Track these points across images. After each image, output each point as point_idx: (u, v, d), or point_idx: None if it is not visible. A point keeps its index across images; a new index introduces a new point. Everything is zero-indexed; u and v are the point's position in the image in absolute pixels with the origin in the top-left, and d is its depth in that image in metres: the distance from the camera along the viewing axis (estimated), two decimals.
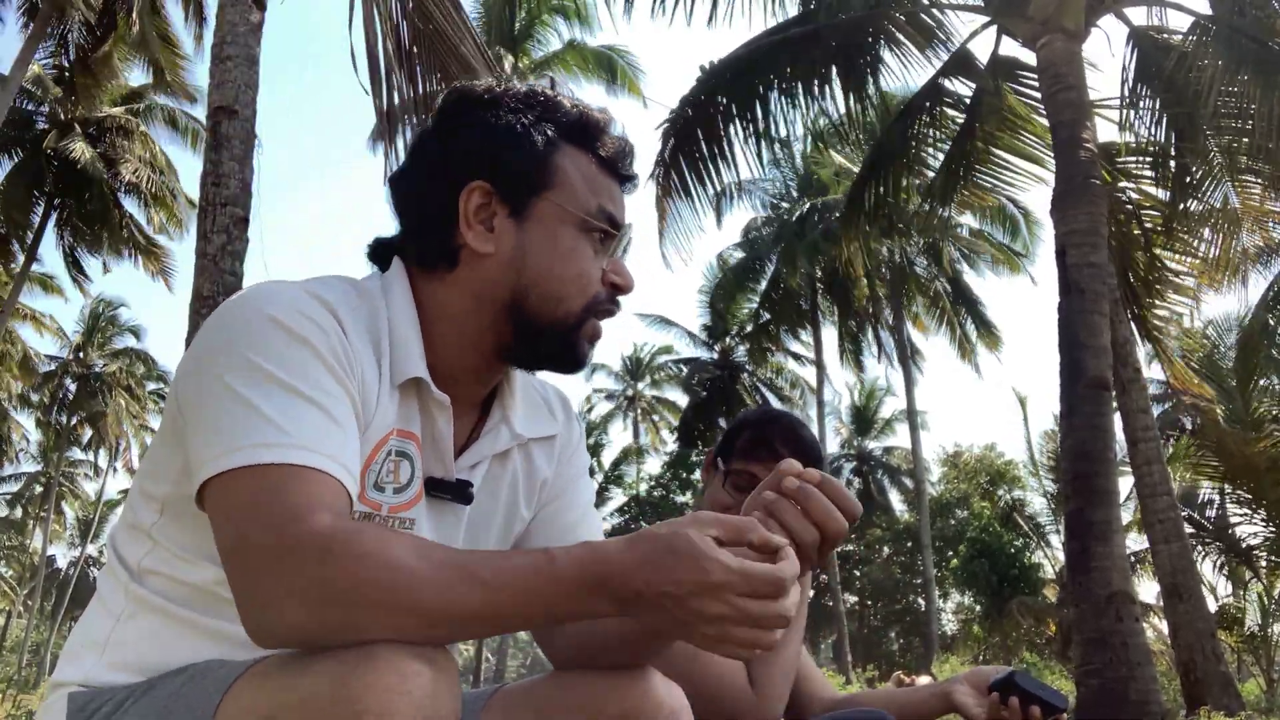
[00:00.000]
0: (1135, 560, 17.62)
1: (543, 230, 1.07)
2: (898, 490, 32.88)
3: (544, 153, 1.08)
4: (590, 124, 1.11)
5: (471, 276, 1.07)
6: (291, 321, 0.93)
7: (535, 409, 1.19)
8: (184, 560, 1.00)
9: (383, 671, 0.77)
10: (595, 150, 1.11)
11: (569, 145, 1.10)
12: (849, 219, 10.47)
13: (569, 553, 0.84)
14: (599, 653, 1.07)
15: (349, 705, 0.75)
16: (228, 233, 5.04)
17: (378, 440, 1.01)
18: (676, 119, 9.31)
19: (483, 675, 27.98)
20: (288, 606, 0.80)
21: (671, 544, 0.82)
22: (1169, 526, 9.80)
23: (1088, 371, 7.04)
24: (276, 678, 0.82)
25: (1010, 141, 9.56)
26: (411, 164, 1.13)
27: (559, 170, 1.08)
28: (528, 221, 1.07)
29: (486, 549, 1.15)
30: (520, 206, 1.07)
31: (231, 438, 0.87)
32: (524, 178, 1.07)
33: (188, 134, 19.49)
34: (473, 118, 1.10)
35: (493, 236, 1.06)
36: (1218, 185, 8.71)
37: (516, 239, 1.07)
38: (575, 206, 1.08)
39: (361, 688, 0.76)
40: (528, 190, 1.07)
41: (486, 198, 1.07)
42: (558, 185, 1.08)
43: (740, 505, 1.73)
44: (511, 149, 1.07)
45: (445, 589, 0.80)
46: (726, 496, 1.71)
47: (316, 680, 0.78)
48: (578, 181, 1.09)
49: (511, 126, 1.08)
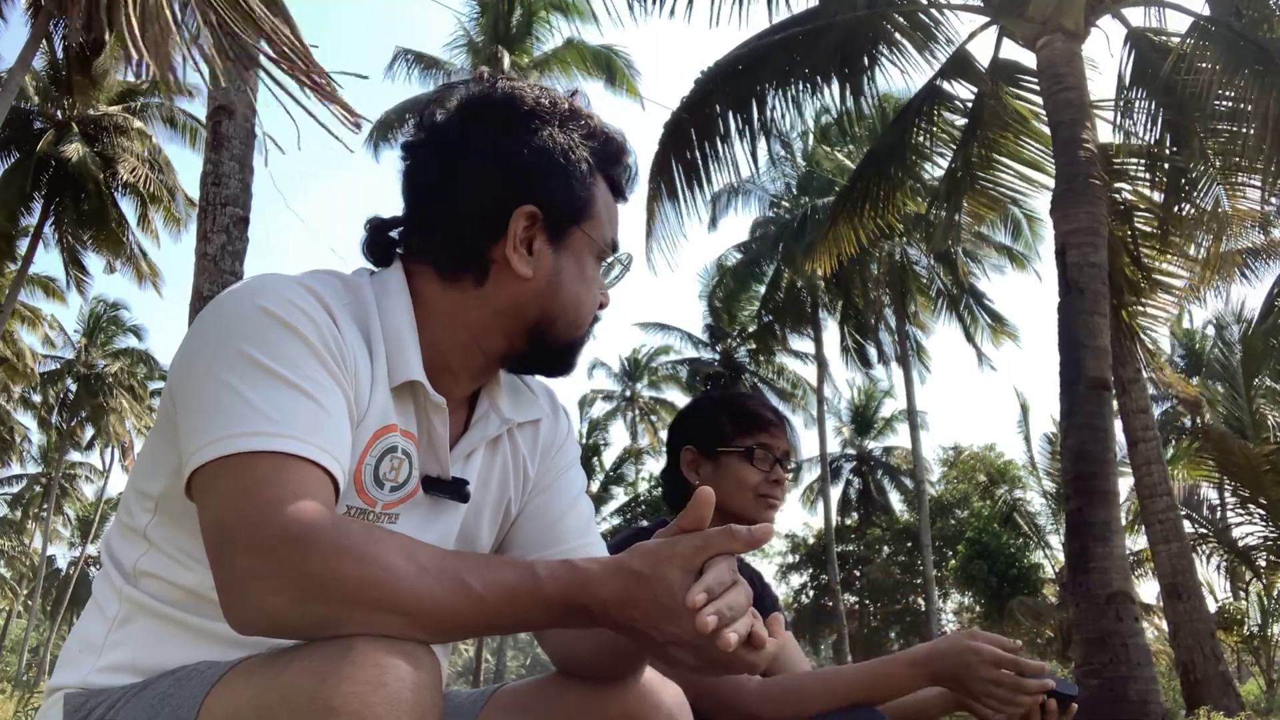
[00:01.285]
0: (1135, 560, 17.63)
1: (574, 260, 1.10)
2: (898, 490, 32.89)
3: (587, 183, 1.09)
4: (614, 151, 1.13)
5: (500, 294, 1.07)
6: (282, 312, 0.94)
7: (520, 396, 1.20)
8: (178, 562, 1.00)
9: (361, 668, 0.77)
10: (612, 176, 1.14)
11: (600, 173, 1.12)
12: (835, 219, 10.40)
13: (555, 575, 0.86)
14: (602, 657, 1.07)
15: (327, 702, 0.76)
16: (227, 232, 5.05)
17: (371, 434, 1.01)
18: (670, 125, 9.28)
19: (482, 675, 27.99)
20: (266, 595, 0.81)
21: (652, 588, 0.83)
22: (1169, 527, 9.81)
23: (1088, 372, 7.04)
24: (258, 676, 0.83)
25: (1014, 147, 9.54)
26: (452, 163, 1.08)
27: (594, 201, 1.11)
28: (564, 249, 1.09)
29: (480, 540, 1.16)
30: (560, 235, 1.09)
31: (220, 427, 0.87)
32: (568, 207, 1.08)
33: (186, 131, 19.47)
34: (526, 131, 1.07)
35: (531, 260, 1.07)
36: (1212, 187, 8.71)
37: (553, 266, 1.08)
38: (599, 237, 1.12)
39: (339, 684, 0.76)
40: (570, 220, 1.09)
41: (532, 221, 1.07)
42: (592, 217, 1.10)
43: (768, 477, 1.79)
44: (563, 178, 1.08)
45: (427, 591, 0.81)
46: (753, 473, 1.79)
47: (296, 677, 0.78)
48: (603, 212, 1.12)
49: (565, 152, 1.08)
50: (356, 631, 0.80)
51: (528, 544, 1.18)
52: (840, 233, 10.24)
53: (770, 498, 1.80)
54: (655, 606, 0.82)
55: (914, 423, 24.77)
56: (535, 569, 0.86)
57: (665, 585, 0.82)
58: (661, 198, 9.44)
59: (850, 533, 32.77)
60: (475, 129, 1.08)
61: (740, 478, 1.79)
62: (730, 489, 1.79)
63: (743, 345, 28.78)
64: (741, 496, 1.79)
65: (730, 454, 1.81)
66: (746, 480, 1.79)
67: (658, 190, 9.42)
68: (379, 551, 0.81)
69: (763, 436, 1.82)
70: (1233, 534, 14.26)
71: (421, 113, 1.12)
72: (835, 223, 10.28)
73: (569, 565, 0.87)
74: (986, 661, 1.51)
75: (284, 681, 0.79)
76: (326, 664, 0.78)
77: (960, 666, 1.53)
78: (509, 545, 1.19)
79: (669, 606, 0.82)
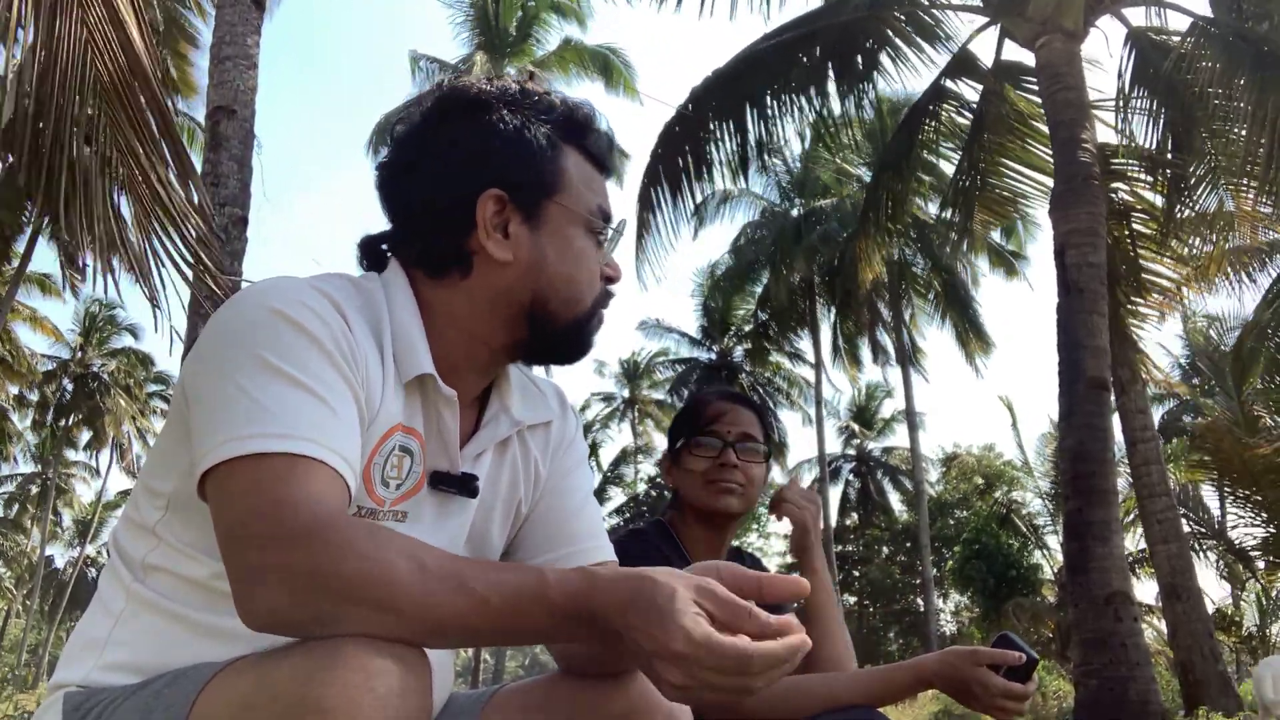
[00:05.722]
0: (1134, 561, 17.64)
1: (555, 233, 1.08)
2: (897, 490, 32.91)
3: (550, 156, 1.09)
4: (581, 120, 1.12)
5: (486, 283, 1.07)
6: (295, 314, 0.94)
7: (531, 397, 1.20)
8: (187, 556, 1.00)
9: (348, 669, 0.77)
10: (586, 147, 1.13)
11: (566, 145, 1.11)
12: (863, 227, 10.47)
13: (564, 581, 0.83)
14: (604, 659, 1.06)
15: (317, 703, 0.76)
16: (226, 233, 5.04)
17: (381, 434, 1.02)
18: (668, 127, 9.28)
19: (481, 675, 27.99)
20: (272, 591, 0.81)
21: (654, 597, 0.80)
22: (1167, 527, 9.82)
23: (1087, 372, 7.05)
24: (249, 675, 0.83)
25: (1020, 152, 9.54)
26: (412, 167, 1.11)
27: (563, 172, 1.10)
28: (541, 226, 1.08)
29: (491, 542, 1.16)
30: (533, 212, 1.08)
31: (231, 428, 0.88)
32: (535, 183, 1.08)
33: (184, 133, 19.42)
34: (475, 121, 1.09)
35: (509, 244, 1.07)
36: (1213, 188, 8.71)
37: (533, 245, 1.07)
38: (580, 207, 1.10)
39: (328, 686, 0.76)
40: (540, 195, 1.08)
41: (500, 205, 1.07)
42: (564, 188, 1.09)
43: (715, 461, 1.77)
44: (519, 154, 1.08)
45: (429, 592, 0.80)
46: (699, 461, 1.79)
47: (284, 677, 0.79)
48: (579, 181, 1.11)
49: (518, 130, 1.08)
50: (357, 629, 0.80)
51: (538, 544, 1.18)
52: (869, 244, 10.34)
53: (721, 482, 1.77)
54: (655, 616, 0.79)
55: (913, 423, 24.80)
56: (544, 572, 0.85)
57: (667, 595, 0.80)
58: (660, 192, 9.44)
59: (849, 533, 32.79)
60: (429, 131, 1.11)
61: (688, 468, 1.80)
62: (685, 482, 1.81)
63: (739, 345, 28.81)
64: (693, 487, 1.79)
65: (681, 451, 1.82)
66: (694, 469, 1.79)
67: (657, 187, 9.43)
68: (382, 550, 0.81)
69: (709, 423, 1.81)
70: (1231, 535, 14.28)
71: (391, 132, 1.16)
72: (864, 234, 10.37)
73: (580, 571, 0.85)
74: (993, 692, 1.53)
75: (274, 682, 0.79)
76: (315, 665, 0.78)
77: (963, 687, 1.56)
78: (519, 546, 1.19)
79: (667, 614, 0.79)
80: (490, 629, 0.83)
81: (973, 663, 1.54)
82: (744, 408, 1.84)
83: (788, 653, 0.79)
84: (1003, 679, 1.52)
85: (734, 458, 1.77)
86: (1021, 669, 1.53)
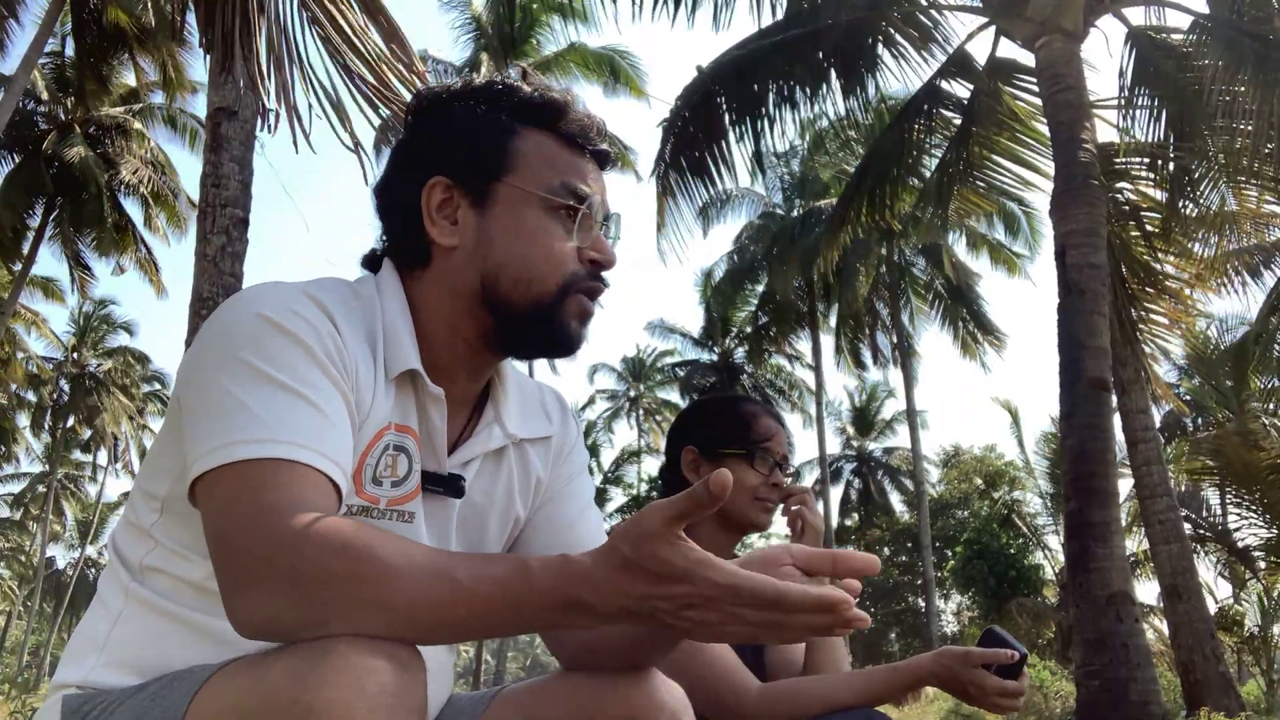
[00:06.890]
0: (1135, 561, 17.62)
1: (505, 215, 1.08)
2: (898, 491, 32.89)
3: (498, 139, 1.09)
4: (548, 104, 1.11)
5: (444, 271, 1.09)
6: (283, 320, 0.95)
7: (530, 410, 1.20)
8: (183, 557, 1.01)
9: (341, 669, 0.77)
10: (558, 129, 1.11)
11: (527, 128, 1.10)
12: (837, 220, 10.45)
13: (547, 565, 0.83)
14: (606, 654, 1.07)
15: (310, 705, 0.76)
16: (227, 234, 5.05)
17: (374, 434, 1.02)
18: (675, 119, 9.30)
19: (482, 677, 27.97)
20: (263, 597, 0.81)
21: (643, 566, 0.80)
22: (1169, 527, 9.80)
23: (1088, 372, 7.05)
24: (242, 677, 0.83)
25: (1007, 145, 9.56)
26: (380, 185, 1.16)
27: (516, 154, 1.09)
28: (489, 209, 1.08)
29: (483, 550, 1.16)
30: (480, 195, 1.08)
31: (221, 435, 0.88)
32: (479, 166, 1.08)
33: (186, 133, 19.45)
34: (430, 117, 1.13)
35: (457, 229, 1.08)
36: (1215, 187, 8.70)
37: (479, 227, 1.08)
38: (535, 186, 1.08)
39: (320, 687, 0.76)
40: (485, 177, 1.08)
41: (448, 192, 1.09)
42: (515, 168, 1.08)
43: (767, 480, 1.81)
44: (465, 141, 1.09)
45: (416, 587, 0.80)
46: (753, 475, 1.82)
47: (277, 679, 0.79)
48: (537, 162, 1.09)
49: (463, 119, 1.11)
50: (348, 629, 0.79)
51: (537, 552, 1.17)
52: (841, 235, 10.31)
53: (767, 500, 1.83)
54: (654, 580, 0.79)
55: (913, 423, 24.77)
56: (527, 561, 0.84)
57: (654, 559, 0.79)
58: (670, 193, 9.47)
59: (850, 533, 32.77)
60: (396, 139, 1.17)
61: (740, 479, 1.79)
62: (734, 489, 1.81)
63: (740, 346, 28.82)
64: (740, 498, 1.80)
65: (731, 455, 1.82)
66: (746, 482, 1.80)
67: (667, 185, 9.45)
68: (369, 549, 0.81)
69: (764, 439, 1.84)
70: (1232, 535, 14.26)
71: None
72: (839, 225, 10.34)
73: (562, 557, 0.85)
74: (988, 692, 1.55)
75: (267, 683, 0.79)
76: (308, 666, 0.78)
77: (959, 687, 1.58)
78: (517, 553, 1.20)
79: (665, 575, 0.79)
80: (480, 621, 0.83)
81: (966, 664, 1.55)
82: (785, 429, 1.91)
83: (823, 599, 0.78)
84: (997, 678, 1.54)
85: (782, 479, 1.85)
86: (1013, 665, 1.55)
